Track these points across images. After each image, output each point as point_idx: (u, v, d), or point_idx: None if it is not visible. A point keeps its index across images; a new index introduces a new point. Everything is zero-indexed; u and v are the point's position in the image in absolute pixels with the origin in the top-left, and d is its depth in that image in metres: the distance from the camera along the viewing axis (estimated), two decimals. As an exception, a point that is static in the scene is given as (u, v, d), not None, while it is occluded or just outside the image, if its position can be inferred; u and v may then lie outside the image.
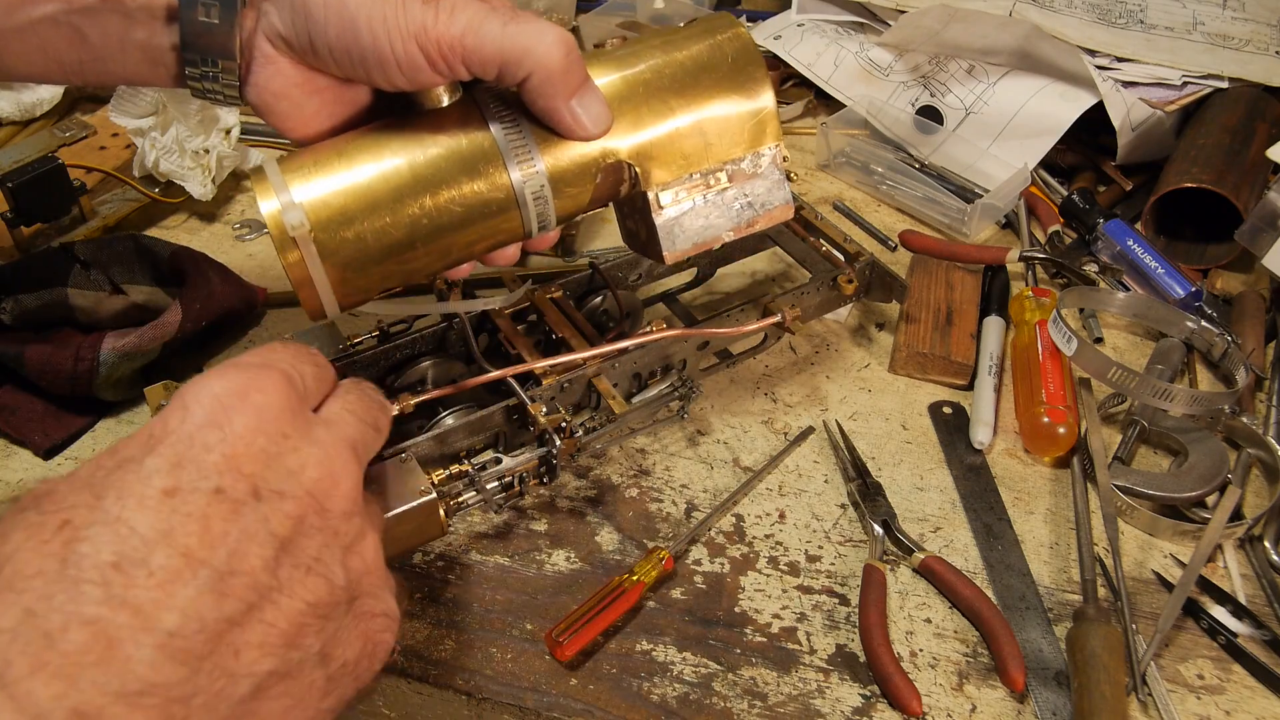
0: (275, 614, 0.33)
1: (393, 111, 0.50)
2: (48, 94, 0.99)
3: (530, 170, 0.49)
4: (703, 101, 0.53)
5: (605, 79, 0.51)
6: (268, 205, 0.47)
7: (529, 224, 0.51)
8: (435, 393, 0.60)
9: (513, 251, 0.53)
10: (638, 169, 0.52)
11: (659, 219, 0.53)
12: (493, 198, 0.50)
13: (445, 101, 0.49)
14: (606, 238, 0.88)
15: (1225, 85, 0.93)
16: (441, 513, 0.54)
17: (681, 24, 0.56)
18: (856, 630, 0.57)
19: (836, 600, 0.59)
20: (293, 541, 0.34)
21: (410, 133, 0.49)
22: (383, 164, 0.48)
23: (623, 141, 0.51)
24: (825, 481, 0.66)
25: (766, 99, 0.54)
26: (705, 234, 0.54)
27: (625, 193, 0.54)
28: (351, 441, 0.38)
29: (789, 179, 0.56)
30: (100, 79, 0.48)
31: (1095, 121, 0.90)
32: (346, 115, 0.50)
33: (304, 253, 0.47)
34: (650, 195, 0.52)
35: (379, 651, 0.38)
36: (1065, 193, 0.90)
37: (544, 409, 0.59)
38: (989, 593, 0.59)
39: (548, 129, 0.50)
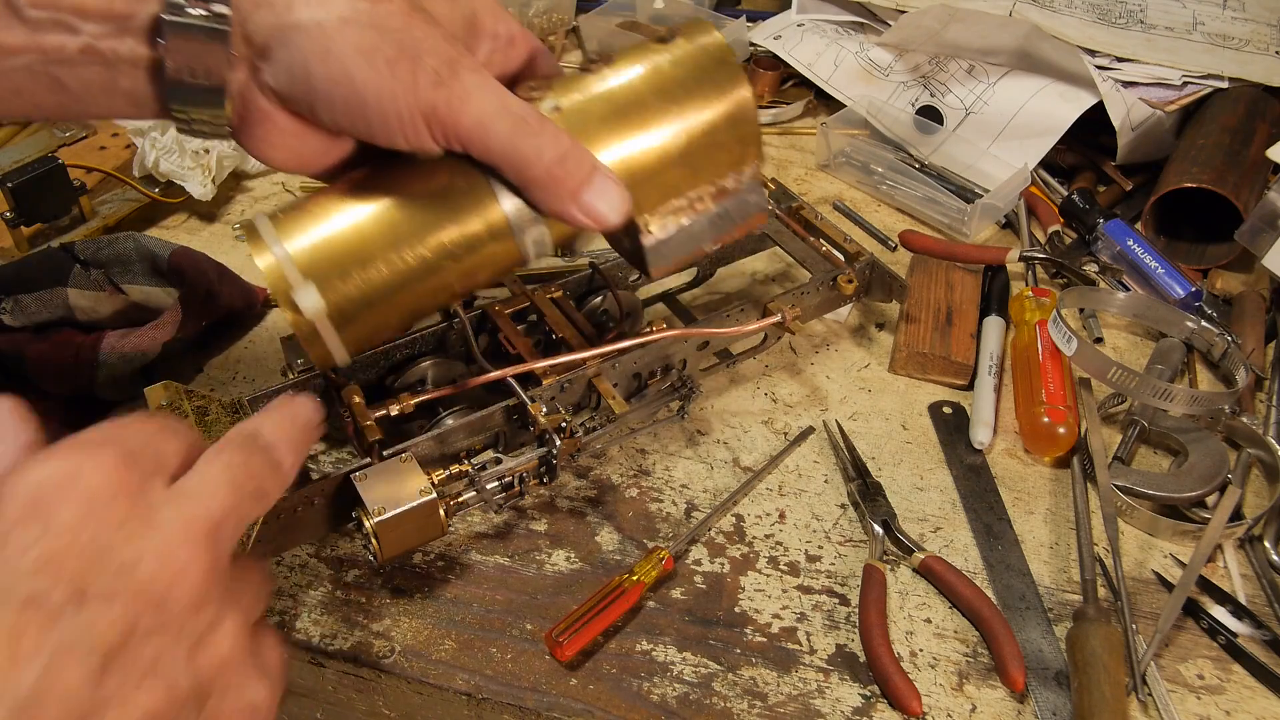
0: None
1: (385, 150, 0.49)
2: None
3: (525, 211, 0.50)
4: (693, 135, 0.53)
5: (597, 112, 0.51)
6: (265, 261, 0.47)
7: (526, 254, 0.52)
8: (435, 393, 0.60)
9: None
10: None
11: (647, 242, 0.54)
12: (490, 237, 0.50)
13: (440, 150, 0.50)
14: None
15: (1225, 85, 0.93)
16: (441, 513, 0.54)
17: (663, 34, 0.54)
18: (856, 630, 0.57)
19: (836, 600, 0.59)
20: (123, 648, 0.30)
21: (405, 179, 0.49)
22: (378, 214, 0.48)
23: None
24: (825, 481, 0.66)
25: (753, 129, 0.54)
26: (688, 247, 0.56)
27: None
28: (210, 518, 0.33)
29: (764, 186, 0.56)
30: (81, 118, 0.47)
31: (1095, 121, 0.90)
32: (341, 153, 0.49)
33: (318, 325, 0.48)
34: (639, 221, 0.53)
35: None
36: (1065, 193, 0.90)
37: (544, 409, 0.59)
38: (989, 593, 0.59)
39: None
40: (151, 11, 0.41)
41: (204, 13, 0.41)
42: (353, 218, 0.48)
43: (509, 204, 0.49)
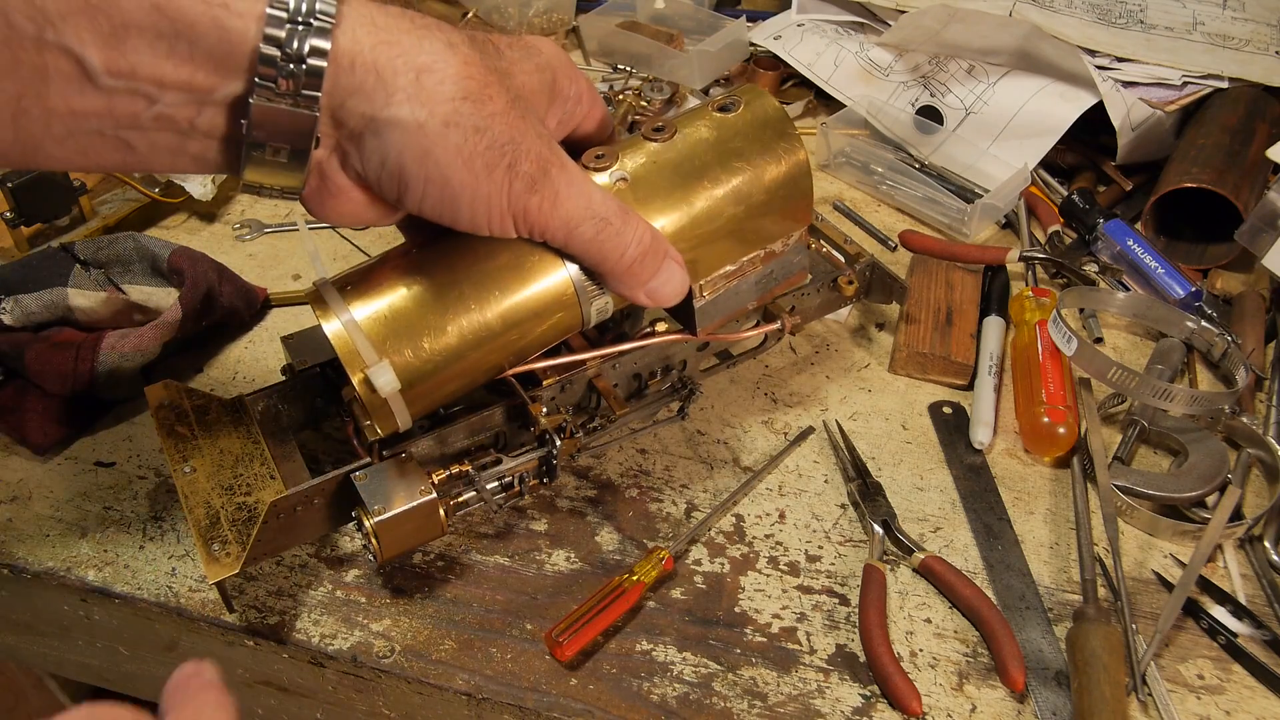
0: None
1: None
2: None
3: (591, 284, 0.51)
4: (752, 206, 0.55)
5: (663, 184, 0.53)
6: (334, 330, 0.48)
7: (589, 321, 0.54)
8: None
9: None
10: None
11: (698, 304, 0.56)
12: (557, 308, 0.52)
13: None
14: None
15: (1225, 85, 0.93)
16: (441, 513, 0.54)
17: (724, 103, 0.56)
18: (856, 630, 0.57)
19: (836, 600, 0.59)
20: None
21: (472, 250, 0.50)
22: (448, 285, 0.49)
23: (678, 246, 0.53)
24: (825, 481, 0.66)
25: (807, 197, 0.56)
26: (732, 306, 0.58)
27: None
28: None
29: (808, 246, 0.59)
30: (141, 172, 0.46)
31: (1095, 121, 0.90)
32: (400, 216, 0.49)
33: (390, 402, 0.49)
34: (694, 287, 0.55)
35: None
36: (1065, 193, 0.90)
37: (544, 409, 0.59)
38: (989, 593, 0.59)
39: None
40: (235, 91, 0.40)
41: (293, 95, 0.40)
42: (422, 288, 0.49)
43: (577, 278, 0.51)
